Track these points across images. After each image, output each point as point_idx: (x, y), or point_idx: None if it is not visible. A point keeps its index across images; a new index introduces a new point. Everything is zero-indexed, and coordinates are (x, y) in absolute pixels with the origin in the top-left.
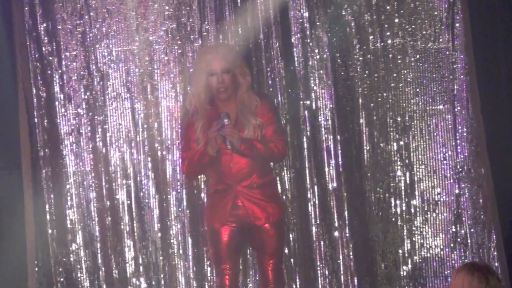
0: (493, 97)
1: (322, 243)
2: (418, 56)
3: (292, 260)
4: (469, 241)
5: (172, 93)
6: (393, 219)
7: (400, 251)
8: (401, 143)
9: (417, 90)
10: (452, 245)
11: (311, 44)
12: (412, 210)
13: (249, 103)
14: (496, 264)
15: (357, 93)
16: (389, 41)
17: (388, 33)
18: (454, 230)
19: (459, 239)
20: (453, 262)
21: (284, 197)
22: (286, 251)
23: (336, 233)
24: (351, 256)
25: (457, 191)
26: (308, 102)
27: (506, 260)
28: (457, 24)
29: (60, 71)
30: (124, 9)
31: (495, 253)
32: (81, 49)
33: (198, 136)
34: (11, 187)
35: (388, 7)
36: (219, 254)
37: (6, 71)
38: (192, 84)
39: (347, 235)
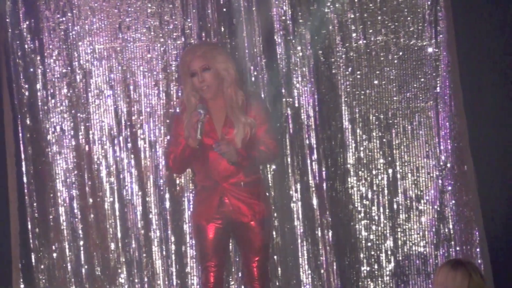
0: (476, 94)
1: (305, 240)
2: (401, 54)
3: (275, 257)
4: (452, 238)
5: (155, 91)
6: (376, 216)
7: (383, 249)
8: (384, 140)
9: (400, 87)
10: (435, 242)
11: (293, 41)
12: (395, 207)
13: (236, 99)
14: (479, 261)
15: (340, 90)
16: (372, 39)
17: (371, 31)
18: (437, 227)
19: (442, 236)
20: (436, 259)
21: (267, 194)
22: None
23: (319, 231)
24: (334, 254)
25: (440, 188)
26: (290, 100)
27: (489, 257)
28: (440, 22)
29: (43, 69)
30: (106, 7)
31: (478, 250)
32: (64, 46)
33: (186, 135)
34: None
35: (371, 5)
36: (205, 251)
37: None
38: (181, 86)
39: (330, 232)
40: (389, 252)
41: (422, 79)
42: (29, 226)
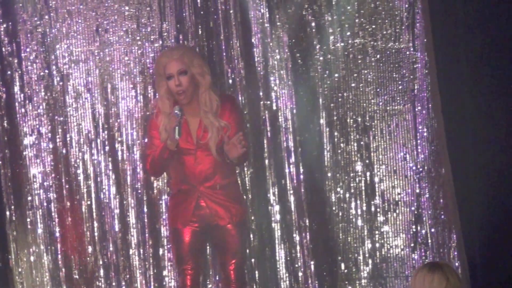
0: (453, 97)
1: (282, 243)
2: (378, 56)
3: (252, 260)
4: (429, 241)
5: (133, 94)
6: (354, 219)
7: (361, 251)
8: (362, 143)
9: (378, 90)
10: (412, 245)
11: (271, 44)
12: (373, 210)
13: (210, 104)
14: (457, 263)
15: (318, 93)
16: (350, 41)
17: (349, 33)
18: (414, 230)
19: (419, 239)
20: (413, 262)
21: (244, 197)
22: (247, 251)
23: (297, 234)
24: (312, 256)
25: (417, 191)
26: (268, 102)
27: (467, 259)
28: (418, 24)
29: (20, 72)
30: (84, 10)
31: (456, 253)
32: (41, 49)
33: (163, 137)
34: None
35: (348, 7)
36: (181, 254)
37: None
38: (156, 89)
39: (307, 235)
40: (366, 255)
41: (400, 82)
42: (7, 229)
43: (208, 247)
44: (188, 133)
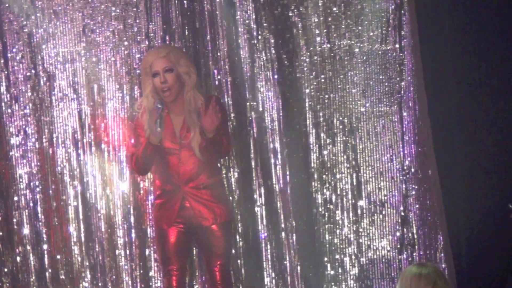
0: (440, 98)
1: (268, 244)
2: (365, 58)
3: (239, 261)
4: (416, 242)
5: (119, 94)
6: (340, 220)
7: (347, 253)
8: (348, 144)
9: (364, 91)
10: (399, 246)
11: (257, 45)
12: (359, 212)
13: (194, 103)
14: (443, 265)
15: (304, 94)
16: (336, 43)
17: (335, 35)
18: (401, 231)
19: (406, 241)
20: (400, 263)
21: (230, 198)
22: (233, 251)
23: (283, 234)
24: (298, 257)
25: (404, 192)
26: (254, 103)
27: (453, 261)
28: (404, 26)
29: (6, 72)
30: (70, 10)
31: (442, 255)
32: (27, 49)
33: (147, 134)
34: None
35: (335, 9)
36: (166, 255)
37: None
38: (142, 87)
39: (294, 236)
40: (353, 256)
41: (386, 83)
42: None
43: (194, 248)
44: (173, 132)
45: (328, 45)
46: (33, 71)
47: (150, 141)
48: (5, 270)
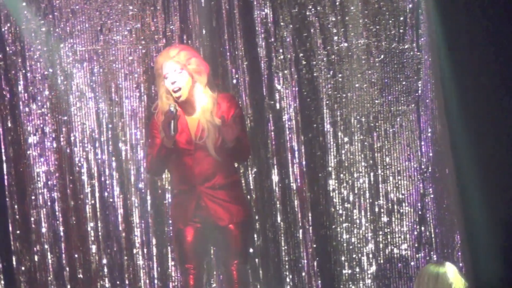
0: (457, 97)
1: (286, 243)
2: (382, 57)
3: (256, 260)
4: (433, 241)
5: (136, 93)
6: (358, 219)
7: (365, 252)
8: (366, 143)
9: (382, 90)
10: (416, 245)
11: (275, 44)
12: (377, 211)
13: (208, 103)
14: (461, 264)
15: (321, 93)
16: (354, 42)
17: (353, 34)
18: (418, 230)
19: (423, 240)
20: (417, 262)
21: (248, 197)
22: (251, 250)
23: (300, 234)
24: (315, 256)
25: (421, 191)
26: (272, 102)
27: (471, 260)
28: (422, 25)
29: (24, 71)
30: (88, 9)
31: (459, 254)
32: (45, 49)
33: (162, 135)
34: None
35: (352, 8)
36: (183, 254)
37: None
38: (157, 90)
39: (311, 235)
40: (370, 255)
41: (404, 82)
42: (10, 228)
43: (211, 247)
44: (188, 133)
45: (346, 44)
46: (50, 70)
47: (163, 144)
48: (23, 268)
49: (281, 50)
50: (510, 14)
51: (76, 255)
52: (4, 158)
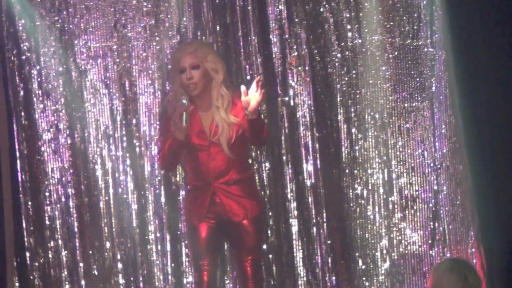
0: (471, 93)
1: (300, 239)
2: (396, 53)
3: (270, 256)
4: (447, 237)
5: (151, 89)
6: (371, 215)
7: (378, 248)
8: (380, 139)
9: (396, 87)
10: (430, 241)
11: (289, 40)
12: (390, 207)
13: (222, 100)
14: (474, 260)
15: (335, 89)
16: (368, 38)
17: (367, 30)
18: (432, 226)
19: (437, 236)
20: (431, 258)
21: (262, 193)
22: (265, 247)
23: (314, 230)
24: (329, 253)
25: (435, 187)
26: (286, 99)
27: (484, 257)
28: (436, 21)
29: (38, 67)
30: (102, 5)
31: (473, 250)
32: (59, 45)
33: (173, 130)
34: None
35: (366, 4)
36: (197, 250)
37: None
38: (170, 84)
39: (325, 231)
40: (384, 251)
41: (418, 79)
42: (24, 225)
43: (225, 243)
44: (201, 129)
45: (360, 41)
46: (64, 66)
47: (175, 137)
48: (36, 264)
49: (295, 47)
50: None
51: (90, 251)
52: (18, 154)
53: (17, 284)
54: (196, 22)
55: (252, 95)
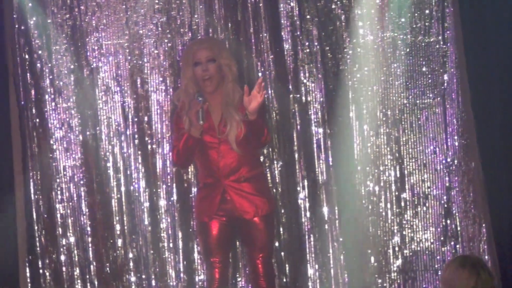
0: (483, 90)
1: (312, 236)
2: (408, 50)
3: (282, 253)
4: (459, 234)
5: (162, 87)
6: (383, 212)
7: (391, 245)
8: (391, 136)
9: (407, 83)
10: (442, 238)
11: (301, 37)
12: (403, 204)
13: (233, 96)
14: (487, 257)
15: (347, 86)
16: (379, 35)
17: (378, 27)
18: (444, 223)
19: (449, 233)
20: (443, 255)
21: (274, 190)
22: (277, 244)
23: (326, 227)
24: (341, 250)
25: (447, 184)
26: (298, 96)
27: (497, 253)
28: (447, 18)
29: (50, 65)
30: (114, 3)
31: (486, 247)
32: (71, 42)
33: (187, 126)
34: (2, 181)
35: (378, 1)
36: (209, 248)
37: None
38: (181, 78)
39: (337, 228)
40: (396, 248)
41: (429, 75)
42: (36, 223)
43: (237, 240)
44: (212, 126)
45: (371, 37)
46: (76, 64)
47: (191, 134)
48: (48, 262)
49: (306, 44)
50: None
51: (102, 250)
52: (29, 152)
53: (29, 282)
54: (207, 19)
55: (254, 96)
